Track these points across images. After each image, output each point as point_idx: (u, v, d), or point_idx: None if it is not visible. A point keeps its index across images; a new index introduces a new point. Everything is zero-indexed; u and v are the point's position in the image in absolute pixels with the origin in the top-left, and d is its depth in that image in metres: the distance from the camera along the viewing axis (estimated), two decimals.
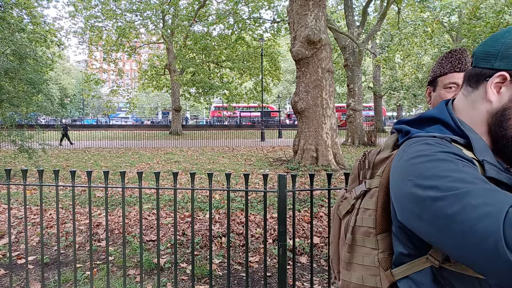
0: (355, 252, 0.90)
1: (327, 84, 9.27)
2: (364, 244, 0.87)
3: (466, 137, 0.75)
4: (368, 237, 0.86)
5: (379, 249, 0.85)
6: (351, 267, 0.91)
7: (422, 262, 0.75)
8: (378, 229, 0.85)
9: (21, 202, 5.76)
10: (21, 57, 9.21)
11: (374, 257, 0.86)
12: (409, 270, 0.78)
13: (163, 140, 20.75)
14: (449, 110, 0.82)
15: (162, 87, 30.71)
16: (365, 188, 0.90)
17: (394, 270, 0.81)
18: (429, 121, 0.83)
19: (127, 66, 65.86)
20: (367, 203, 0.88)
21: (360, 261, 0.88)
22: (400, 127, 0.87)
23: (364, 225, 0.87)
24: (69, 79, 53.98)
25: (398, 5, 17.57)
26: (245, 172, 2.34)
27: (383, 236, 0.85)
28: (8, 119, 8.56)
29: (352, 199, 0.94)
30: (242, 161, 11.63)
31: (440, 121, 0.81)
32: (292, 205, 2.32)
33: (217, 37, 24.13)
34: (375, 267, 0.85)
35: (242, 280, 3.11)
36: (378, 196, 0.85)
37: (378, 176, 0.87)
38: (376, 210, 0.85)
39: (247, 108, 46.07)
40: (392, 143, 0.91)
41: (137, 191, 6.45)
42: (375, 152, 0.95)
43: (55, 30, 17.49)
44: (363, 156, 0.98)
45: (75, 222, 2.51)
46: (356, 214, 0.90)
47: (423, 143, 0.73)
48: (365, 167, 0.95)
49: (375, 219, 0.85)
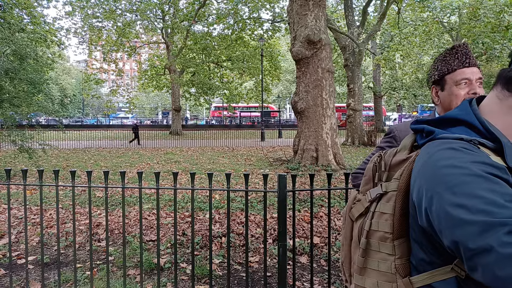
0: (369, 257, 0.86)
1: (327, 84, 9.27)
2: (380, 250, 0.83)
3: (496, 141, 0.70)
4: (385, 242, 0.82)
5: (396, 255, 0.81)
6: (365, 272, 0.87)
7: (446, 272, 0.72)
8: (395, 234, 0.81)
9: (21, 202, 5.76)
10: (21, 57, 9.21)
11: (390, 263, 0.81)
12: (430, 279, 0.74)
13: (163, 140, 20.75)
14: (475, 111, 0.77)
15: (162, 87, 30.70)
16: (381, 191, 0.85)
17: (413, 278, 0.78)
18: (452, 122, 0.78)
19: (127, 66, 65.87)
20: (383, 207, 0.84)
21: (375, 267, 0.85)
22: (421, 127, 0.83)
23: (380, 229, 0.83)
24: (69, 79, 53.98)
25: (398, 5, 17.57)
26: (245, 172, 2.34)
27: (400, 242, 0.81)
28: (9, 119, 8.56)
29: (367, 202, 0.90)
30: (242, 161, 11.63)
31: (465, 122, 0.76)
32: (292, 205, 2.32)
33: (217, 37, 24.13)
34: (391, 274, 0.81)
35: (242, 280, 3.11)
36: (396, 200, 0.81)
37: (396, 179, 0.83)
38: (393, 214, 0.81)
39: (247, 108, 46.04)
40: (409, 144, 0.87)
41: (137, 191, 6.44)
42: (391, 153, 0.91)
43: (55, 30, 17.49)
44: (378, 157, 0.93)
45: (75, 222, 2.51)
46: (371, 217, 0.86)
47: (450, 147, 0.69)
48: (380, 169, 0.90)
49: (392, 224, 0.81)
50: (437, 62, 1.36)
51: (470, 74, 1.28)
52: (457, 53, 1.29)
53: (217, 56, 25.57)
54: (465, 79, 1.28)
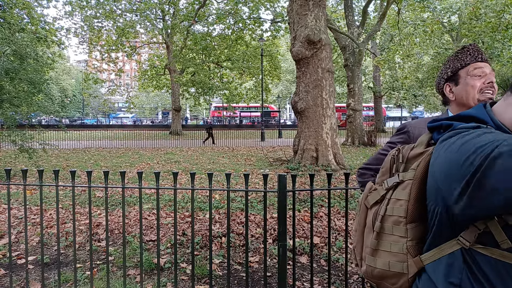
0: (382, 239, 0.95)
1: (327, 84, 9.27)
2: (393, 232, 0.93)
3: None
4: (398, 225, 0.92)
5: (408, 237, 0.90)
6: (377, 254, 0.96)
7: (452, 245, 0.81)
8: (409, 218, 0.90)
9: (21, 202, 5.76)
10: (21, 57, 9.21)
11: (402, 244, 0.91)
12: (439, 254, 0.83)
13: (163, 140, 20.75)
14: (488, 111, 0.85)
15: (162, 87, 30.71)
16: (398, 180, 0.95)
17: (423, 256, 0.87)
18: (466, 120, 0.86)
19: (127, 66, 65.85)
20: (399, 194, 0.93)
21: (388, 248, 0.94)
22: (438, 124, 0.91)
23: (395, 214, 0.92)
24: (69, 79, 53.97)
25: (398, 5, 17.56)
26: (245, 172, 2.34)
27: (412, 226, 0.90)
28: (9, 119, 8.55)
29: (383, 190, 0.99)
30: (242, 161, 11.63)
31: (478, 119, 0.84)
32: (292, 205, 2.32)
33: (217, 37, 24.12)
34: (403, 254, 0.91)
35: (242, 280, 3.11)
36: (411, 188, 0.90)
37: (413, 169, 0.91)
38: (408, 200, 0.90)
39: (247, 108, 46.02)
40: (426, 141, 0.95)
41: (137, 191, 6.45)
42: (409, 147, 1.00)
43: (55, 30, 17.48)
44: (396, 150, 1.03)
45: (75, 222, 2.51)
46: (387, 204, 0.95)
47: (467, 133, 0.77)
48: (398, 160, 0.99)
49: (406, 209, 0.90)
50: (448, 61, 1.40)
51: (484, 67, 1.32)
52: (469, 50, 1.35)
53: (217, 56, 25.56)
54: (480, 70, 1.32)
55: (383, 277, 0.95)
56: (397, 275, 0.92)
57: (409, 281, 0.90)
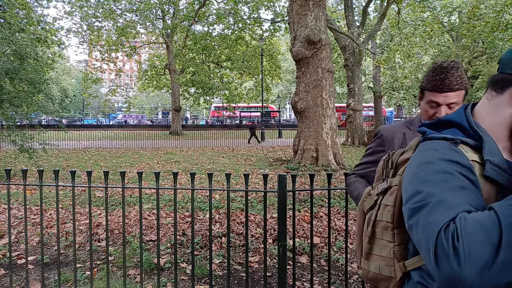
0: (374, 244, 0.98)
1: (327, 84, 9.27)
2: (383, 237, 0.95)
3: (480, 139, 0.80)
4: (386, 230, 0.94)
5: (395, 242, 0.92)
6: (370, 257, 1.00)
7: None
8: (395, 223, 0.92)
9: (21, 202, 5.76)
10: (21, 57, 9.20)
11: (390, 249, 0.93)
12: (419, 262, 0.85)
13: (163, 140, 20.74)
14: (467, 114, 0.87)
15: (162, 87, 30.68)
16: (386, 185, 0.97)
17: (407, 262, 0.90)
18: (447, 125, 0.89)
19: (127, 66, 65.85)
20: (387, 199, 0.96)
21: (378, 252, 0.97)
22: (421, 130, 0.93)
23: (384, 219, 0.95)
24: (69, 79, 53.94)
25: (398, 5, 17.57)
26: (245, 172, 2.34)
27: (399, 231, 0.92)
28: (9, 119, 8.55)
29: (375, 196, 1.01)
30: (242, 161, 11.63)
31: (456, 124, 0.86)
32: (292, 205, 2.32)
33: (217, 37, 24.12)
34: (390, 258, 0.93)
35: (242, 280, 3.11)
36: (397, 193, 0.92)
37: (399, 175, 0.95)
38: (394, 206, 0.92)
39: (247, 108, 46.00)
40: (415, 145, 0.96)
41: (137, 191, 6.44)
42: (399, 153, 1.02)
43: (55, 30, 17.47)
44: (387, 156, 1.05)
45: (75, 222, 2.51)
46: (378, 209, 0.98)
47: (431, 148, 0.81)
48: (388, 166, 1.02)
49: (393, 214, 0.92)
50: (429, 70, 1.39)
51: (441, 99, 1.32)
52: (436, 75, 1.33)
53: (217, 56, 25.57)
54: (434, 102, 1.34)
55: (376, 280, 0.99)
56: (387, 279, 0.95)
57: (397, 285, 0.92)
